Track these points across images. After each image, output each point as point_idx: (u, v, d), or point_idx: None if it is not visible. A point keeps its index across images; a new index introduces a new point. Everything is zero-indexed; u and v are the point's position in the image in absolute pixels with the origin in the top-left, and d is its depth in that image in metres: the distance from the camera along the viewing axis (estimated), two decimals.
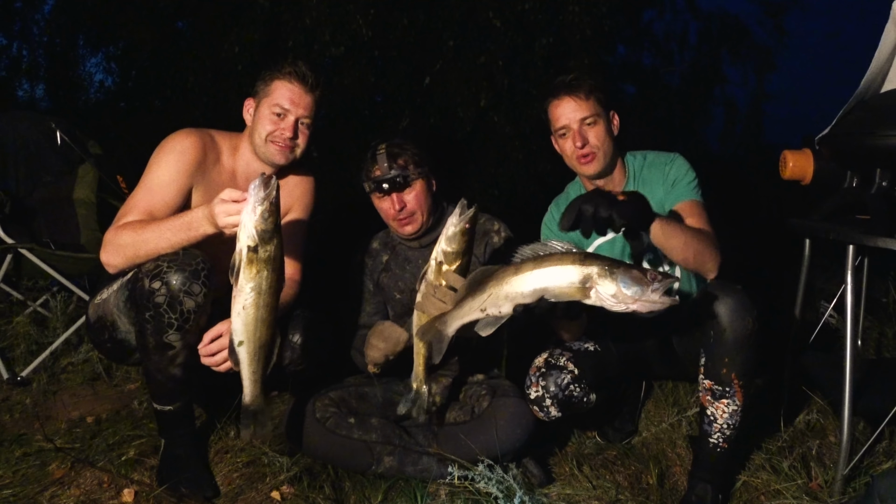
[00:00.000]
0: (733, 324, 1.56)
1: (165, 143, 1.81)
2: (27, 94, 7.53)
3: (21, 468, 1.78)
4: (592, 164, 1.86)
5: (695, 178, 1.87)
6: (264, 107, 1.85)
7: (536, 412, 1.76)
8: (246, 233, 1.38)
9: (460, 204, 1.45)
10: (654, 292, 1.23)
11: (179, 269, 1.56)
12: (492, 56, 4.26)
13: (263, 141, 1.84)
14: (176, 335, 1.60)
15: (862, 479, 1.76)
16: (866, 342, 2.86)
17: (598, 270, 1.26)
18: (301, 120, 1.86)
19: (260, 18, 4.29)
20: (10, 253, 2.47)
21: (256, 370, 1.49)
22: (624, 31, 6.25)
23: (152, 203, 1.72)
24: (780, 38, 6.46)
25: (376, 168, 1.92)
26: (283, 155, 1.86)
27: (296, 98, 1.84)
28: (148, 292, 1.56)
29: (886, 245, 1.62)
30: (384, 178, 1.90)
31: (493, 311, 1.35)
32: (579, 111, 1.83)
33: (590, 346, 1.84)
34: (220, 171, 1.87)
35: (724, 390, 1.62)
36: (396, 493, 1.73)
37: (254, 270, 1.39)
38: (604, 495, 1.73)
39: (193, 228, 1.58)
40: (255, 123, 1.86)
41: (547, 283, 1.29)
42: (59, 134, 2.77)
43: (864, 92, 1.92)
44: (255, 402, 1.52)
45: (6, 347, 2.62)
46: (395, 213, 1.92)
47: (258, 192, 1.36)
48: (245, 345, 1.45)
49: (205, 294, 1.59)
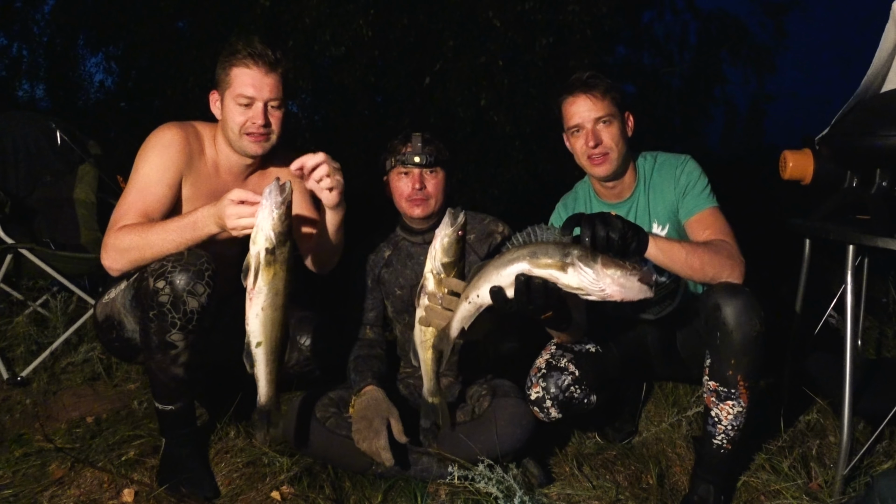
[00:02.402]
0: (741, 326, 1.54)
1: (149, 140, 1.78)
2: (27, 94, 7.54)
3: (21, 468, 1.78)
4: (604, 166, 1.82)
5: (707, 182, 1.82)
6: (228, 98, 1.77)
7: (537, 413, 1.76)
8: (264, 235, 1.39)
9: (449, 213, 1.45)
10: (631, 276, 1.23)
11: (184, 269, 1.56)
12: (492, 56, 4.27)
13: (237, 135, 1.78)
14: (179, 335, 1.60)
15: (862, 479, 1.76)
16: (866, 342, 2.86)
17: (578, 252, 1.26)
18: (269, 103, 1.76)
19: (260, 18, 4.29)
20: (10, 253, 2.47)
21: (272, 370, 1.50)
22: (624, 31, 6.26)
23: (146, 203, 1.70)
24: (780, 39, 6.46)
25: (407, 146, 1.94)
26: (260, 146, 1.80)
27: (258, 82, 1.74)
28: (152, 291, 1.56)
29: (886, 245, 1.62)
30: (414, 153, 1.91)
31: (475, 299, 1.35)
32: (594, 110, 1.80)
33: (591, 348, 1.84)
34: (204, 161, 1.84)
35: (729, 392, 1.60)
36: (396, 494, 1.73)
37: (271, 272, 1.41)
38: (604, 495, 1.73)
39: (198, 229, 1.57)
40: (225, 117, 1.79)
41: (527, 259, 1.29)
42: (59, 134, 2.77)
43: (864, 92, 1.92)
44: (270, 402, 1.53)
45: (6, 347, 2.62)
46: (412, 192, 1.93)
47: (275, 196, 1.38)
48: (262, 345, 1.47)
49: (209, 294, 1.59)
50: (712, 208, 1.79)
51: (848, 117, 1.88)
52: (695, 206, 1.79)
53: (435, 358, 1.52)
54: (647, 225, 1.88)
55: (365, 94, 4.47)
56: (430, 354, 1.52)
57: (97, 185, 2.84)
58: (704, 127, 6.77)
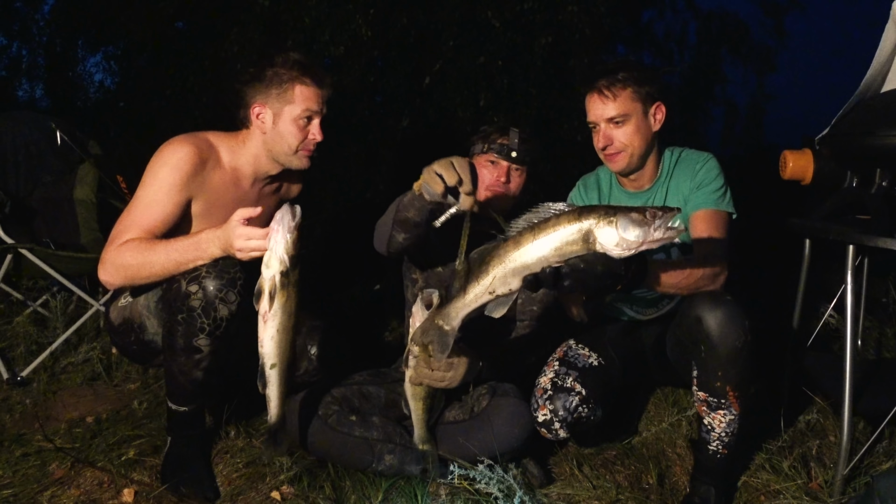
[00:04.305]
0: (725, 338, 1.49)
1: (160, 154, 1.74)
2: (27, 94, 7.53)
3: (21, 468, 1.78)
4: (618, 162, 1.82)
5: (722, 185, 1.80)
6: (288, 114, 1.79)
7: (545, 434, 1.74)
8: (278, 259, 1.40)
9: (421, 298, 1.52)
10: (656, 230, 1.19)
11: (218, 276, 1.56)
12: (491, 56, 4.26)
13: (293, 151, 1.81)
14: (206, 340, 1.60)
15: (862, 479, 1.76)
16: (866, 342, 2.86)
17: (595, 221, 1.21)
18: (322, 117, 1.85)
19: (260, 18, 4.29)
20: (10, 253, 2.47)
21: (283, 390, 1.54)
22: (624, 30, 6.25)
23: (151, 219, 1.68)
24: (780, 39, 6.45)
25: (504, 138, 1.93)
26: (309, 160, 1.86)
27: (320, 99, 1.82)
28: (184, 295, 1.56)
29: (886, 245, 1.61)
30: (511, 147, 1.91)
31: (503, 290, 1.30)
32: (607, 110, 1.78)
33: (594, 361, 1.83)
34: (221, 174, 1.83)
35: (719, 402, 1.58)
36: (396, 493, 1.73)
37: (285, 296, 1.43)
38: (604, 495, 1.73)
39: (202, 250, 1.56)
40: (280, 132, 1.80)
41: (550, 247, 1.24)
42: (59, 134, 2.77)
43: (864, 92, 1.92)
44: (279, 422, 1.57)
45: (6, 347, 2.62)
46: (496, 182, 1.93)
47: (287, 221, 1.39)
48: (276, 367, 1.49)
49: (239, 303, 1.59)
50: (716, 210, 1.77)
51: (848, 117, 1.88)
52: (701, 203, 1.79)
53: (426, 408, 1.64)
54: None
55: (364, 94, 4.46)
56: (421, 405, 1.63)
57: (97, 185, 2.84)
58: (704, 127, 6.76)
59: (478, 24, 4.25)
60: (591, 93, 1.81)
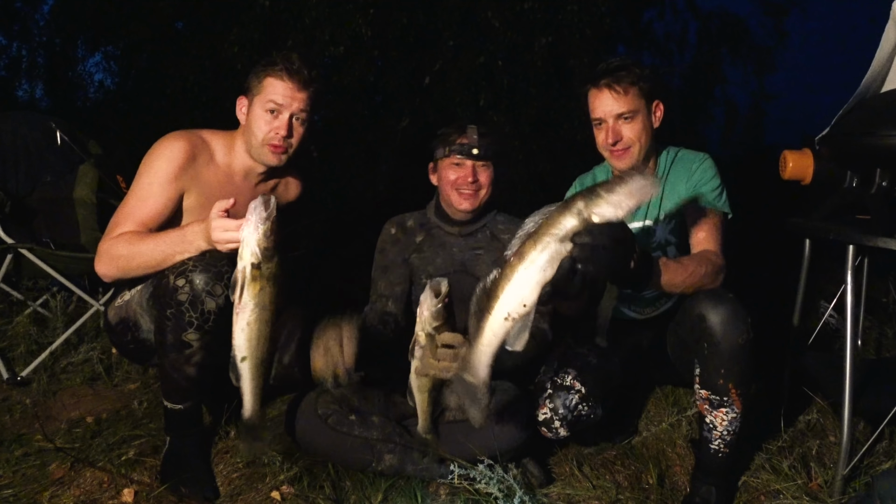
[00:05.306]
0: (727, 335, 1.51)
1: (154, 149, 1.78)
2: (27, 94, 7.54)
3: (21, 468, 1.78)
4: (626, 160, 1.80)
5: (719, 184, 1.80)
6: (257, 105, 1.80)
7: (545, 433, 1.74)
8: (249, 250, 1.39)
9: (429, 286, 1.48)
10: (637, 180, 1.19)
11: (204, 270, 1.57)
12: (491, 56, 4.27)
13: (260, 143, 1.81)
14: (195, 334, 1.60)
15: (862, 479, 1.76)
16: (866, 342, 2.86)
17: (582, 204, 1.20)
18: (296, 116, 1.80)
19: (260, 18, 4.30)
20: (10, 253, 2.47)
21: (257, 385, 1.51)
22: (624, 31, 6.26)
23: (145, 212, 1.72)
24: (780, 39, 6.45)
25: (463, 137, 1.93)
26: (277, 157, 1.83)
27: (289, 94, 1.78)
28: (172, 289, 1.57)
29: (886, 245, 1.62)
30: (472, 145, 1.91)
31: (518, 311, 1.21)
32: (617, 106, 1.76)
33: (592, 359, 1.82)
34: (214, 170, 1.85)
35: (721, 400, 1.59)
36: (396, 493, 1.73)
37: (257, 287, 1.41)
38: (604, 495, 1.73)
39: (188, 242, 1.58)
40: (250, 123, 1.82)
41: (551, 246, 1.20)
42: (59, 134, 2.77)
43: (864, 92, 1.92)
44: (254, 416, 1.54)
45: (6, 347, 2.62)
46: (464, 182, 1.93)
47: (260, 212, 1.38)
48: (248, 360, 1.47)
49: (226, 296, 1.58)
50: (713, 210, 1.78)
51: (848, 117, 1.88)
52: (698, 203, 1.79)
53: (431, 401, 1.63)
54: (656, 217, 1.88)
55: (364, 94, 4.47)
56: (425, 397, 1.62)
57: (97, 185, 2.83)
58: (704, 127, 6.76)
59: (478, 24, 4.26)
60: (601, 88, 1.78)
